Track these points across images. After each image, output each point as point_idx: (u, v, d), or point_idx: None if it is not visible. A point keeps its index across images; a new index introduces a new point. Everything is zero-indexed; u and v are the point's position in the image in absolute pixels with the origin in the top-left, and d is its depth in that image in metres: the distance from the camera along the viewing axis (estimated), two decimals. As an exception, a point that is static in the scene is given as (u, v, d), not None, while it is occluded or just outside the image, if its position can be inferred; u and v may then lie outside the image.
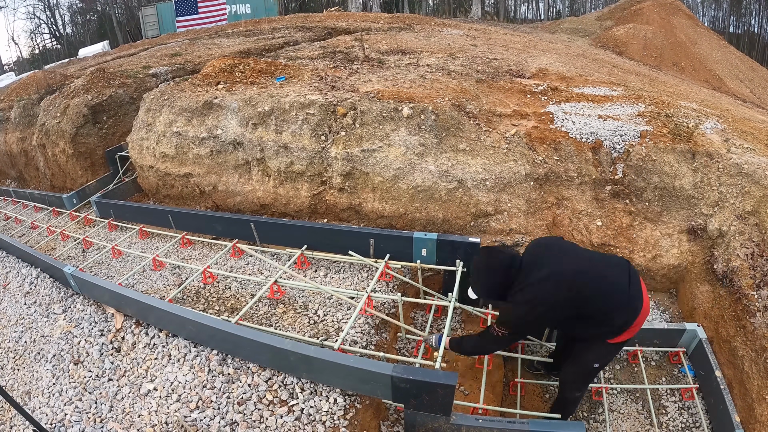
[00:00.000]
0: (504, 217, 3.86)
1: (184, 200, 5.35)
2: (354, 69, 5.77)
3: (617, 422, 3.07)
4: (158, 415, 2.63)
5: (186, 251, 4.58)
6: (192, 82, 5.63)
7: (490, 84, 5.50)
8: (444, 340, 2.65)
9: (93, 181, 6.44)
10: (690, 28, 15.65)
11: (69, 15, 34.62)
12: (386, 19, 13.24)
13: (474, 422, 2.42)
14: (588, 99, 5.03)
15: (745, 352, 2.89)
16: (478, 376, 3.03)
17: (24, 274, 4.64)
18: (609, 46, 13.81)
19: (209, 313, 3.39)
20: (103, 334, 3.37)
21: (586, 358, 2.52)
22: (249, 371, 2.78)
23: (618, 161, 3.98)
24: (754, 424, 2.68)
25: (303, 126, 4.38)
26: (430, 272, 3.69)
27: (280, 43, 9.36)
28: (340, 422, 2.45)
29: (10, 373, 3.41)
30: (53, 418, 2.79)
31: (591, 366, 2.55)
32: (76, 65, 12.68)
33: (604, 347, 2.43)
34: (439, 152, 4.01)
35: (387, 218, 4.11)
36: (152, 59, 9.08)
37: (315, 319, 3.24)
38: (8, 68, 29.52)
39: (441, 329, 3.46)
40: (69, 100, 6.79)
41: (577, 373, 2.64)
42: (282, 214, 4.61)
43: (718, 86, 12.46)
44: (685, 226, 3.71)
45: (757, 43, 31.77)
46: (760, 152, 3.76)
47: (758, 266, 3.08)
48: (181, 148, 5.07)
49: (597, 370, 2.62)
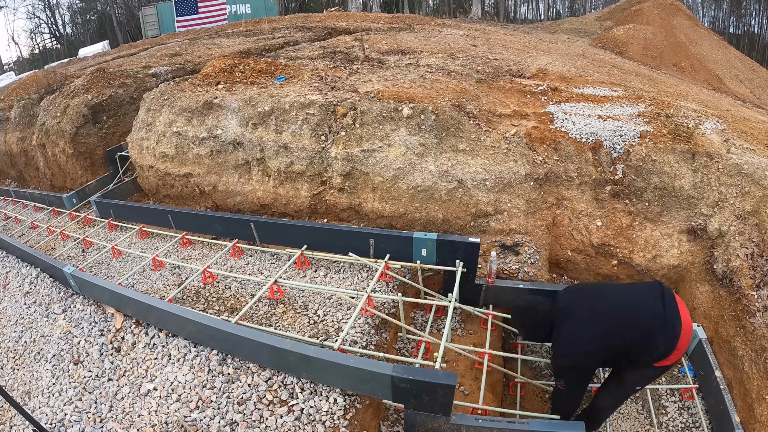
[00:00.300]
0: (504, 217, 3.86)
1: (184, 200, 5.35)
2: (354, 69, 5.77)
3: (617, 422, 3.07)
4: (158, 415, 2.63)
5: (186, 251, 4.58)
6: (192, 82, 5.63)
7: (490, 84, 5.50)
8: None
9: (93, 181, 6.44)
10: (690, 29, 15.66)
11: (69, 15, 34.66)
12: (386, 19, 13.25)
13: (474, 422, 2.42)
14: (588, 99, 5.03)
15: (745, 352, 2.89)
16: (478, 376, 3.03)
17: (24, 274, 4.63)
18: (609, 46, 13.81)
19: (209, 313, 3.39)
20: (103, 334, 3.37)
21: (631, 381, 2.48)
22: (249, 371, 2.78)
23: (618, 161, 3.99)
24: (754, 424, 2.68)
25: (303, 126, 4.38)
26: (430, 272, 3.69)
27: (280, 43, 9.36)
28: (340, 422, 2.45)
29: (9, 373, 3.41)
30: (53, 418, 2.78)
31: (633, 389, 2.53)
32: (76, 65, 12.68)
33: (650, 371, 2.37)
34: (439, 152, 4.01)
35: (387, 218, 4.11)
36: (152, 59, 9.08)
37: (315, 319, 3.24)
38: (8, 68, 29.53)
39: (441, 329, 3.46)
40: (69, 100, 6.79)
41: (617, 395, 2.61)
42: (282, 214, 4.61)
43: (718, 87, 12.46)
44: (685, 226, 3.71)
45: (757, 44, 31.79)
46: (760, 152, 3.76)
47: (758, 266, 3.08)
48: (181, 148, 5.07)
49: (637, 391, 2.63)
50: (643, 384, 2.54)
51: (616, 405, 2.74)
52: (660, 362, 2.29)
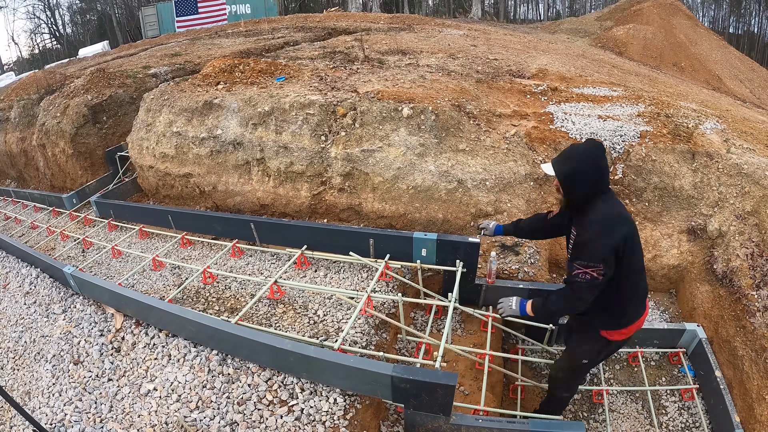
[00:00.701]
0: (504, 217, 3.86)
1: (184, 200, 5.35)
2: (354, 69, 5.77)
3: (617, 422, 3.07)
4: (158, 415, 2.63)
5: (186, 251, 4.58)
6: (192, 82, 5.63)
7: (490, 84, 5.50)
8: (527, 304, 2.36)
9: (93, 181, 6.44)
10: (690, 29, 15.67)
11: (69, 15, 34.65)
12: (386, 20, 13.25)
13: (474, 422, 2.42)
14: (588, 99, 5.04)
15: (745, 352, 2.89)
16: (478, 376, 3.03)
17: (24, 274, 4.63)
18: (609, 46, 13.82)
19: (209, 314, 3.39)
20: (103, 334, 3.37)
21: (577, 352, 2.48)
22: (249, 371, 2.77)
23: (618, 161, 3.99)
24: (754, 424, 2.68)
25: (303, 126, 4.38)
26: (430, 272, 3.69)
27: (280, 44, 9.36)
28: (340, 422, 2.45)
29: (10, 373, 3.41)
30: (53, 418, 2.78)
31: (580, 361, 2.48)
32: (76, 65, 12.68)
33: (598, 342, 2.35)
34: (438, 152, 4.01)
35: (387, 218, 4.11)
36: (152, 59, 9.08)
37: (315, 319, 3.24)
38: (8, 68, 29.53)
39: (441, 330, 3.46)
40: (69, 100, 6.79)
41: (567, 368, 2.59)
42: (282, 214, 4.61)
43: (717, 86, 12.47)
44: (685, 226, 3.71)
45: (757, 44, 31.80)
46: (760, 152, 3.76)
47: (758, 266, 3.08)
48: (180, 148, 5.07)
49: (585, 367, 2.54)
50: (590, 358, 2.45)
51: (570, 387, 2.71)
52: (607, 331, 2.30)
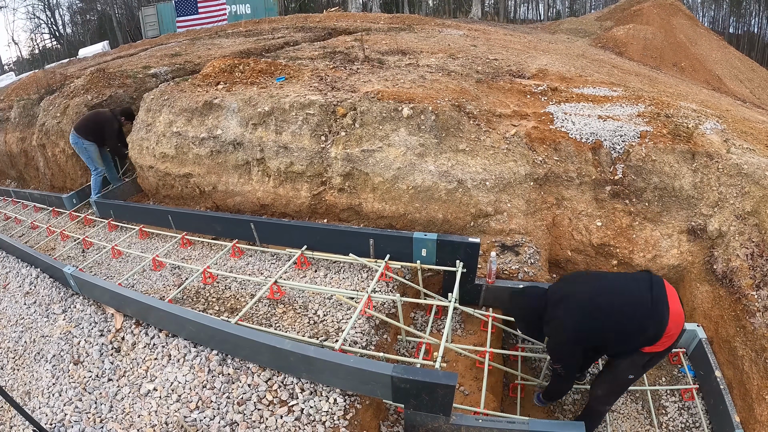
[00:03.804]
0: (504, 217, 3.86)
1: (184, 200, 5.35)
2: (354, 69, 5.77)
3: (617, 422, 3.07)
4: (158, 416, 2.63)
5: (186, 251, 4.58)
6: (192, 82, 5.63)
7: (490, 84, 5.50)
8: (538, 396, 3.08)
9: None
10: (690, 29, 15.66)
11: (69, 15, 34.68)
12: (386, 20, 13.25)
13: (474, 422, 2.42)
14: (588, 99, 5.04)
15: (745, 352, 2.89)
16: (478, 376, 3.03)
17: (24, 274, 4.63)
18: (609, 46, 13.81)
19: (209, 314, 3.39)
20: (103, 335, 3.37)
21: (621, 369, 2.49)
22: (249, 371, 2.77)
23: (618, 161, 3.99)
24: (754, 424, 2.68)
25: (303, 126, 4.38)
26: (430, 272, 3.69)
27: (280, 44, 9.35)
28: (340, 422, 2.45)
29: (9, 373, 3.41)
30: (53, 418, 2.78)
31: (625, 377, 2.51)
32: (76, 65, 12.68)
33: (639, 357, 2.38)
34: (438, 152, 4.01)
35: (387, 218, 4.11)
36: (152, 59, 9.08)
37: (315, 320, 3.24)
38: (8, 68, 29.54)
39: (441, 329, 3.46)
40: (69, 100, 6.79)
41: (610, 384, 2.60)
42: (282, 214, 4.61)
43: (717, 87, 12.47)
44: (685, 226, 3.71)
45: (757, 44, 31.80)
46: (760, 152, 3.76)
47: (758, 266, 3.09)
48: (180, 149, 5.07)
49: (630, 382, 2.58)
50: (635, 372, 2.51)
51: (611, 396, 2.71)
52: (648, 348, 2.32)
